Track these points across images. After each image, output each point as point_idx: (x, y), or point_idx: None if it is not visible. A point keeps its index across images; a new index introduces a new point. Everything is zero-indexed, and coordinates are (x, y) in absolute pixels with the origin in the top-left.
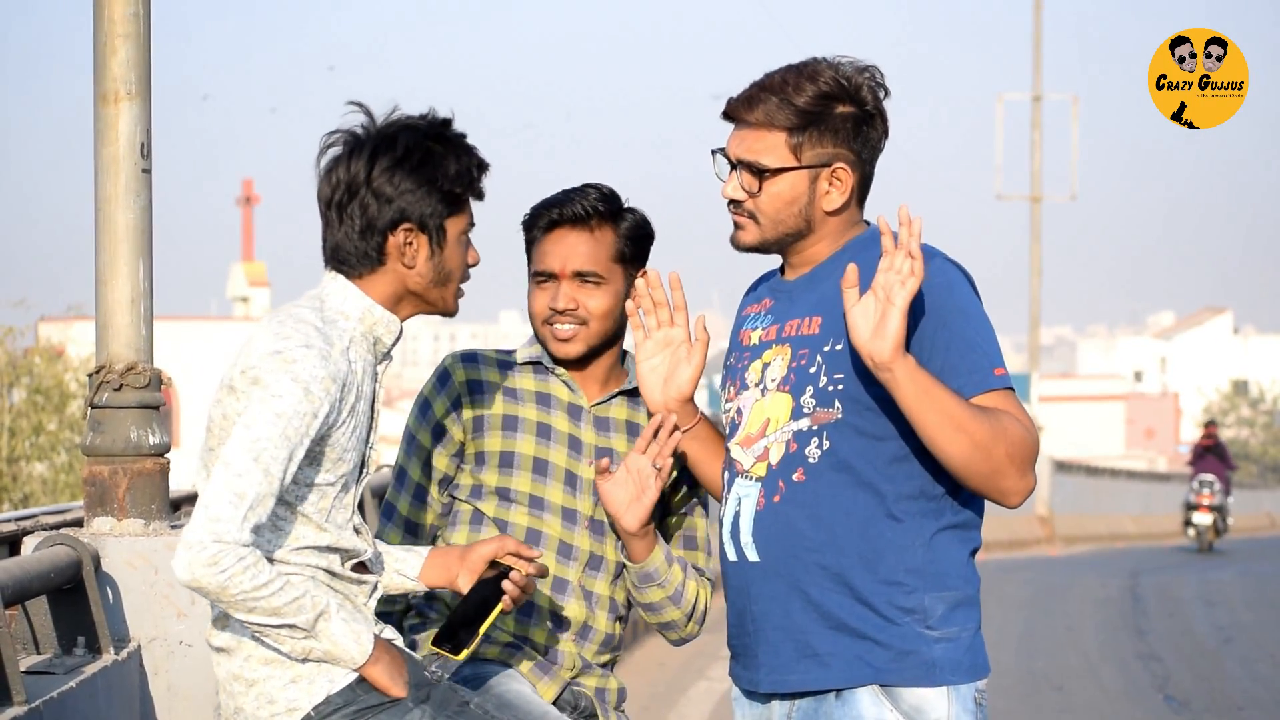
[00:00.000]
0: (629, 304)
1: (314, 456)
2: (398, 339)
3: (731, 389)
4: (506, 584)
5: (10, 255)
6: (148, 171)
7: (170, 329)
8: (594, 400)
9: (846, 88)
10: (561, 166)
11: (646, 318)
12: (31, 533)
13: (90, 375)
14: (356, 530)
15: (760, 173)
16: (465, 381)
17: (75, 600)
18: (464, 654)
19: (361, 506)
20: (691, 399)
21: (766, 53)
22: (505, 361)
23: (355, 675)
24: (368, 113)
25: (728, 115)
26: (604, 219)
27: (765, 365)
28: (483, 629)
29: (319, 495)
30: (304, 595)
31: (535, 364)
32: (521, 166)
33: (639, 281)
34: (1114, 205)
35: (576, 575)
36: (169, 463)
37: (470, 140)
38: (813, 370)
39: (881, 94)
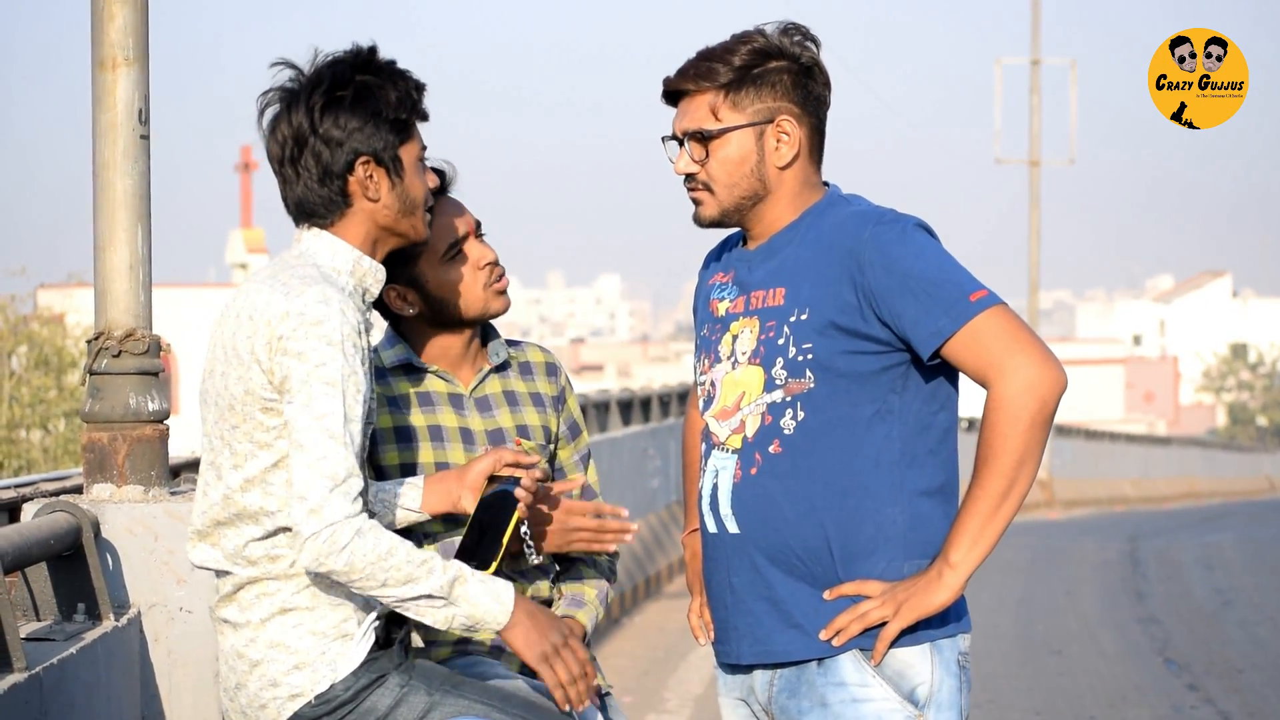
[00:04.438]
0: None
1: None
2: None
3: (705, 361)
4: (519, 491)
5: (10, 223)
6: (146, 138)
7: (169, 295)
8: (470, 385)
9: (777, 45)
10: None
11: None
12: (31, 500)
13: (89, 342)
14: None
15: (706, 138)
16: None
17: (75, 567)
18: (492, 567)
19: None
20: None
21: (759, 14)
22: (379, 369)
23: (358, 663)
24: (293, 66)
25: (667, 95)
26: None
27: (735, 338)
28: (505, 540)
29: None
30: (432, 559)
31: (405, 366)
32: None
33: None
34: (1113, 169)
35: (506, 564)
36: (168, 429)
37: (401, 65)
38: (781, 342)
39: (813, 47)
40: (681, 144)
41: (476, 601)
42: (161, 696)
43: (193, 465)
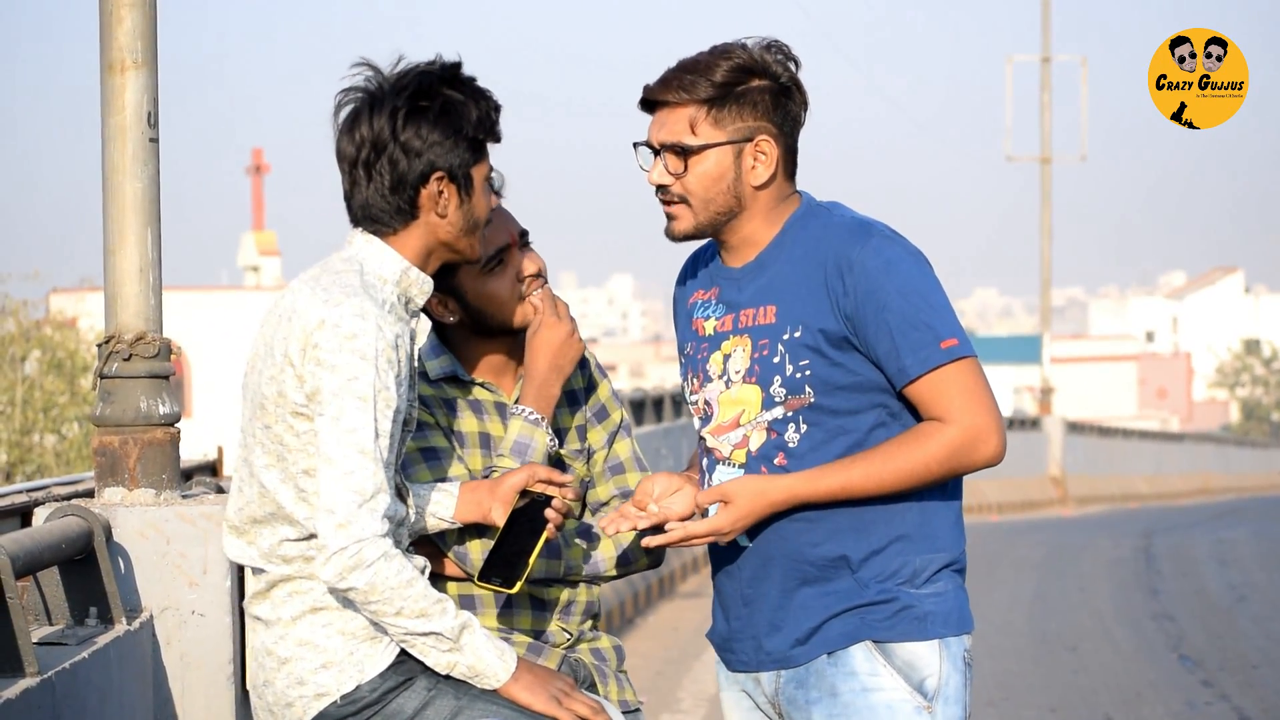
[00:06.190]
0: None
1: None
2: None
3: (695, 381)
4: (549, 512)
5: (23, 227)
6: (155, 141)
7: (181, 299)
8: (514, 395)
9: (759, 63)
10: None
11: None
12: (43, 504)
13: (99, 345)
14: (399, 490)
15: (685, 152)
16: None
17: (87, 571)
18: (518, 586)
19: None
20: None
21: (771, 14)
22: (431, 379)
23: (386, 665)
24: (374, 67)
25: (645, 103)
26: None
27: (726, 357)
28: (532, 559)
29: None
30: (445, 600)
31: (451, 378)
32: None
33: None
34: (1124, 166)
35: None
36: (179, 432)
37: (481, 83)
38: (776, 360)
39: (793, 66)
40: (657, 154)
41: (480, 653)
42: (174, 700)
43: (205, 469)
